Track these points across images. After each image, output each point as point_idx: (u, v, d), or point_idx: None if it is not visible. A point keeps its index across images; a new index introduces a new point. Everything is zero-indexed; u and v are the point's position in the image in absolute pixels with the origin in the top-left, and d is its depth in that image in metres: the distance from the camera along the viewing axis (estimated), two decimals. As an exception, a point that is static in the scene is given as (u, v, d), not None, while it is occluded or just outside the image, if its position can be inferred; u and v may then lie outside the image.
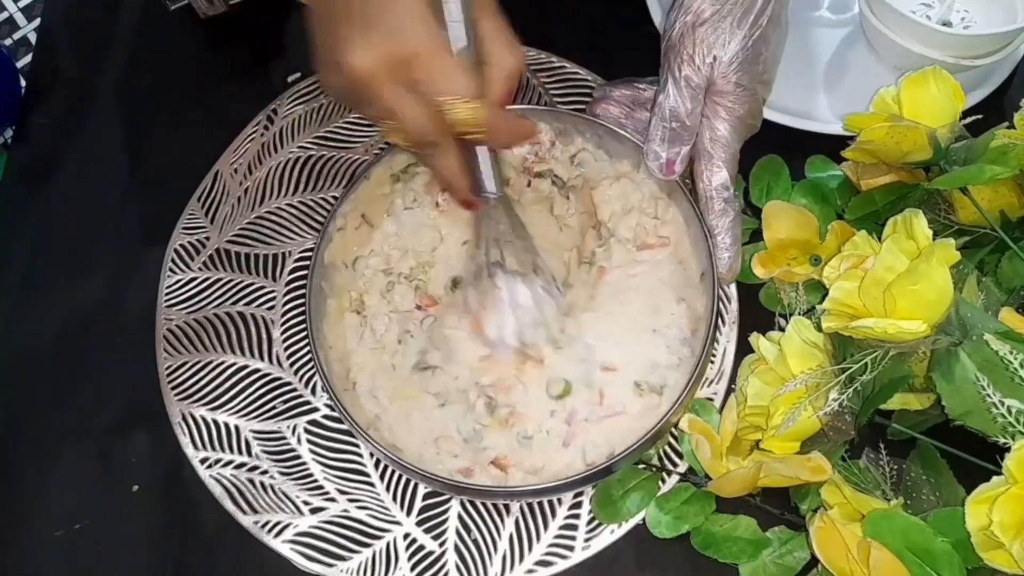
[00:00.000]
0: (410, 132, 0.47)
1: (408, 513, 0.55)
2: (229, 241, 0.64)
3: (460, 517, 0.55)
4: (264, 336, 0.61)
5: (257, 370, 0.60)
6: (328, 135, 0.67)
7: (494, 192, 0.52)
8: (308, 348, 0.58)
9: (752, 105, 0.55)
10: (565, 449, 0.55)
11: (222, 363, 0.60)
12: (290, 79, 0.71)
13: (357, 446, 0.57)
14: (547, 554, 0.54)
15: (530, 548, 0.54)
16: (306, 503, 0.56)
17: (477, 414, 0.56)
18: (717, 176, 0.55)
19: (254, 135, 0.68)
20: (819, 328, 0.51)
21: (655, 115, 0.55)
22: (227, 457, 0.57)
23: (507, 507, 0.55)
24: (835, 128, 0.60)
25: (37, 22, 0.79)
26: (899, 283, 0.47)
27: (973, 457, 0.48)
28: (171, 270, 0.64)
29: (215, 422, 0.59)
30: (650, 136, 0.56)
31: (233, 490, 0.56)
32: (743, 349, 0.57)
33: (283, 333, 0.61)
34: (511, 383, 0.56)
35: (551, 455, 0.55)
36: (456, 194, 0.52)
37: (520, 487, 0.53)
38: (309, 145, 0.67)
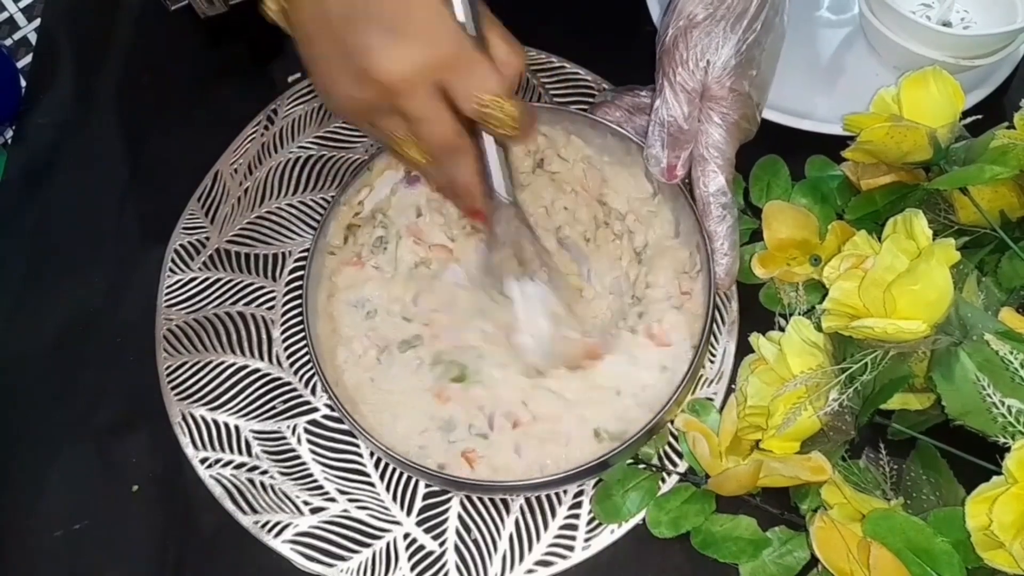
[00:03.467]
0: (436, 140, 0.47)
1: (408, 513, 0.55)
2: (229, 241, 0.64)
3: (460, 517, 0.55)
4: (264, 336, 0.61)
5: (257, 370, 0.60)
6: (328, 135, 0.67)
7: (508, 196, 0.51)
8: (307, 348, 0.58)
9: (747, 110, 0.55)
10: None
11: (222, 363, 0.60)
12: (290, 79, 0.71)
13: (357, 446, 0.57)
14: (547, 554, 0.54)
15: (530, 548, 0.54)
16: (306, 503, 0.56)
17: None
18: (714, 182, 0.55)
19: (254, 135, 0.68)
20: (819, 328, 0.51)
21: (653, 120, 0.55)
22: (227, 457, 0.57)
23: (507, 507, 0.55)
24: (835, 128, 0.60)
25: (37, 22, 0.79)
26: (899, 283, 0.47)
27: (973, 457, 0.48)
28: (171, 270, 0.64)
29: (215, 422, 0.59)
30: (649, 141, 0.56)
31: (233, 490, 0.56)
32: (743, 349, 0.57)
33: (283, 333, 0.61)
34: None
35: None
36: (474, 201, 0.51)
37: (523, 481, 0.53)
38: (309, 145, 0.67)
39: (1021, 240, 0.54)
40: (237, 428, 0.58)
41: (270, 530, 0.55)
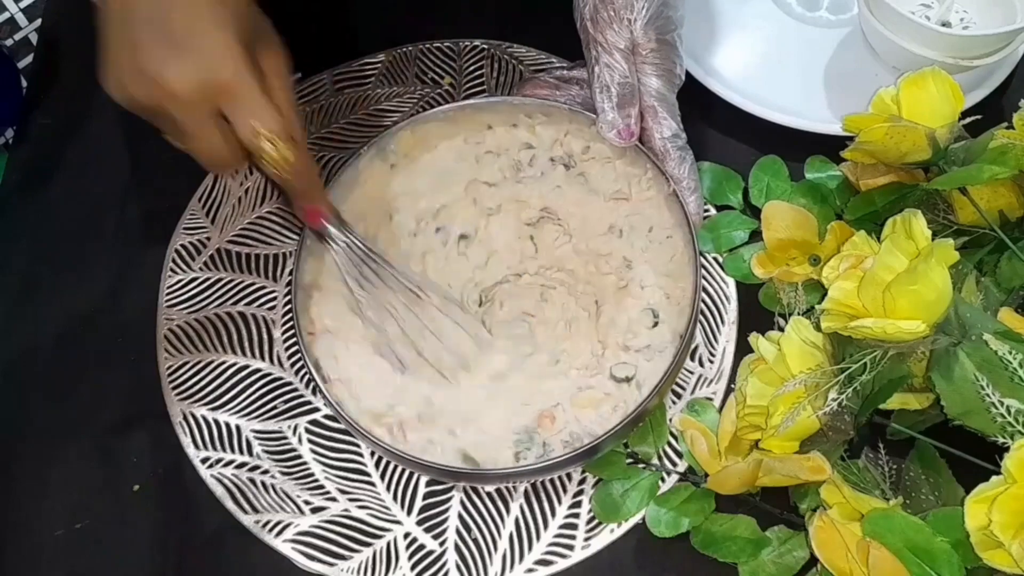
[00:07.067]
0: (204, 156, 0.48)
1: (408, 512, 0.56)
2: (230, 241, 0.64)
3: (460, 516, 0.55)
4: (265, 336, 0.61)
5: (258, 370, 0.60)
6: (328, 135, 0.68)
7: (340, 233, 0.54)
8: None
9: (676, 58, 0.57)
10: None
11: (223, 363, 0.60)
12: (290, 79, 0.71)
13: (358, 446, 0.58)
14: (547, 553, 0.54)
15: (530, 547, 0.54)
16: (307, 502, 0.56)
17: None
18: (667, 127, 0.57)
19: (254, 135, 0.68)
20: (818, 328, 0.51)
21: (596, 89, 0.57)
22: (228, 457, 0.57)
23: (507, 506, 0.55)
24: (835, 128, 0.60)
25: (38, 23, 0.78)
26: (898, 283, 0.47)
27: (972, 457, 0.48)
28: (172, 270, 0.64)
29: (216, 422, 0.59)
30: (599, 109, 0.57)
31: (234, 490, 0.56)
32: (743, 349, 0.57)
33: (284, 333, 0.61)
34: None
35: None
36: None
37: (518, 468, 0.54)
38: (309, 145, 0.67)
39: (1020, 240, 0.54)
40: (238, 428, 0.58)
41: (271, 529, 0.55)
